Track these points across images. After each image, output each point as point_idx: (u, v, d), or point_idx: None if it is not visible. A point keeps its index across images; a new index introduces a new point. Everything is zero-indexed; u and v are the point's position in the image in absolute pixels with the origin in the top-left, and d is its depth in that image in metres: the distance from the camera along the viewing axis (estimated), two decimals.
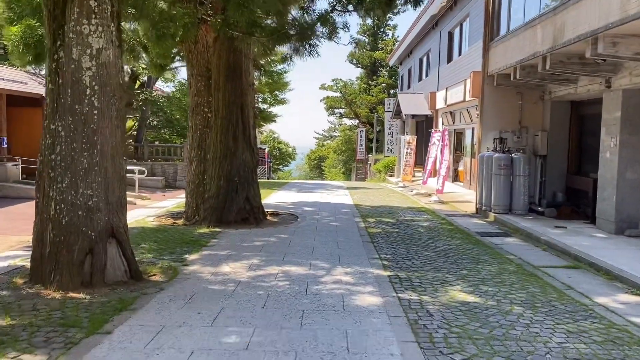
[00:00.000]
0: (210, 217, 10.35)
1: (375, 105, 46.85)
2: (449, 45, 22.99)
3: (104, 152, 5.98)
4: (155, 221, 10.81)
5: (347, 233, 9.70)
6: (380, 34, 51.70)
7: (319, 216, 11.96)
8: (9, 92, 15.09)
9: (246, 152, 10.79)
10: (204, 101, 10.71)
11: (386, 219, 11.75)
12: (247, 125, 10.82)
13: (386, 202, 15.64)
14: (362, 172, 43.98)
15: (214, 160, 10.54)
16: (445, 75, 23.40)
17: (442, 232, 10.13)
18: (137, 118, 21.25)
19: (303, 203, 14.62)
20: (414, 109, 26.42)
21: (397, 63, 38.16)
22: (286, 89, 24.57)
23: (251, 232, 9.60)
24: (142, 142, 20.25)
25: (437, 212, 13.24)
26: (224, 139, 10.54)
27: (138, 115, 20.91)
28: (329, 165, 61.47)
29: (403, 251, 8.21)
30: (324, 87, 50.87)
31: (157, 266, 6.89)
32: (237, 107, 10.64)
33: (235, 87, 10.61)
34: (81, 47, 5.82)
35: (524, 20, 11.35)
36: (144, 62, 15.48)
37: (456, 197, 16.91)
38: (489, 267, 7.32)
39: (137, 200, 14.59)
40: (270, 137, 61.24)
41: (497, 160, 12.36)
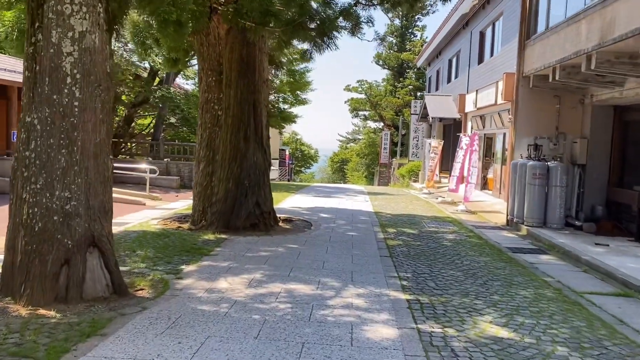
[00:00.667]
0: (218, 222, 9.61)
1: (401, 108, 45.82)
2: (480, 45, 21.92)
3: (86, 149, 5.25)
4: (160, 224, 10.12)
5: (363, 245, 8.84)
6: (408, 35, 50.71)
7: (335, 224, 11.11)
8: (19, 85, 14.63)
9: (258, 154, 10.02)
10: (214, 98, 9.99)
11: (408, 229, 10.84)
12: (259, 124, 10.05)
13: (409, 210, 14.71)
14: (385, 176, 42.96)
15: (223, 162, 9.80)
16: (475, 77, 22.32)
17: (469, 247, 9.19)
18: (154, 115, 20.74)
19: (319, 209, 13.79)
20: (441, 112, 25.37)
21: (425, 64, 37.07)
22: (308, 88, 23.76)
23: (259, 241, 8.81)
24: (159, 140, 19.72)
25: (464, 223, 12.27)
26: (234, 139, 9.79)
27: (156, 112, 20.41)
28: (351, 169, 60.55)
29: (425, 269, 7.31)
30: (349, 88, 50.04)
31: (148, 278, 6.14)
32: (249, 104, 9.88)
33: (248, 83, 9.86)
34: (62, 30, 5.10)
35: (565, 15, 10.34)
36: (160, 57, 14.90)
37: (485, 206, 15.88)
38: (523, 292, 6.38)
39: (148, 200, 13.97)
40: (293, 139, 60.57)
41: (532, 169, 11.34)
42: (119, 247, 7.81)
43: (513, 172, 12.22)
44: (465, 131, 23.62)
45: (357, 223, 11.42)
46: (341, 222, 11.43)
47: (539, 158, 11.74)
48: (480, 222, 12.90)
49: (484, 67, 20.99)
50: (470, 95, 22.14)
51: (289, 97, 24.35)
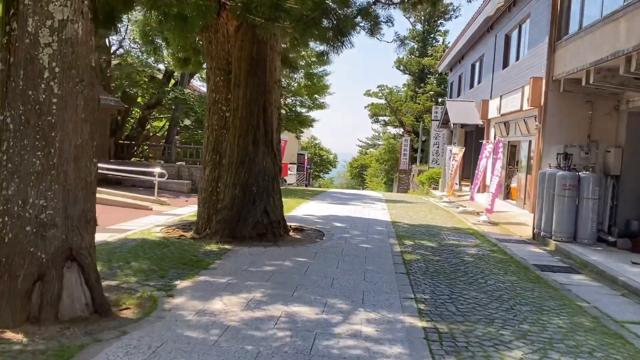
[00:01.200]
0: (223, 231, 9.01)
1: (421, 114, 45.01)
2: (505, 49, 21.08)
3: (65, 151, 4.69)
4: (162, 232, 9.57)
5: (378, 259, 8.15)
6: (430, 39, 49.97)
7: (349, 234, 10.44)
8: None
9: (267, 158, 9.42)
10: (221, 98, 9.42)
11: (427, 242, 10.11)
12: (269, 127, 9.45)
13: (428, 219, 13.96)
14: (405, 183, 42.11)
15: (230, 166, 9.21)
16: (499, 82, 21.48)
17: (493, 264, 8.43)
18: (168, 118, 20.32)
19: (334, 217, 13.13)
20: (463, 118, 24.54)
21: (447, 69, 36.22)
22: (326, 92, 23.22)
23: (265, 252, 8.19)
24: (172, 142, 19.29)
25: (487, 236, 11.49)
26: (242, 142, 9.20)
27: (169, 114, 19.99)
28: (370, 174, 59.75)
29: (445, 289, 6.60)
30: (369, 93, 49.38)
31: (136, 295, 5.55)
32: (259, 106, 9.29)
33: (257, 84, 9.27)
34: (39, 18, 4.56)
35: (601, 13, 9.55)
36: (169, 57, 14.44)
37: (509, 217, 15.05)
38: (557, 320, 5.63)
39: (155, 205, 13.47)
40: (312, 143, 60.03)
41: (562, 179, 10.53)
42: (113, 257, 7.26)
43: (541, 182, 11.41)
44: (487, 138, 22.77)
45: (373, 234, 10.73)
46: (355, 233, 10.75)
47: (569, 168, 10.93)
48: (504, 235, 12.11)
49: (508, 72, 20.16)
50: (494, 101, 21.30)
51: (307, 100, 23.79)
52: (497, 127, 21.05)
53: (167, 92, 19.14)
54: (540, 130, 15.44)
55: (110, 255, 7.38)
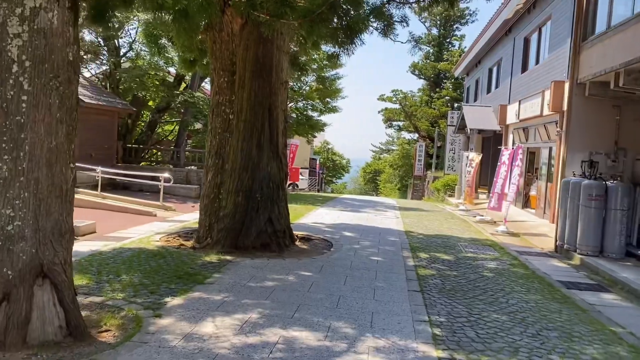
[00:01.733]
0: (224, 240, 8.48)
1: (436, 119, 44.28)
2: (524, 52, 20.36)
3: (36, 155, 4.19)
4: (162, 241, 9.06)
5: (389, 274, 7.54)
6: (446, 44, 49.27)
7: (359, 245, 9.84)
8: None
9: (272, 164, 8.87)
10: (225, 100, 8.91)
11: (443, 254, 9.48)
12: (275, 131, 8.91)
13: (444, 229, 13.30)
14: (419, 189, 41.36)
15: (233, 172, 8.69)
16: (518, 86, 20.76)
17: (514, 280, 7.78)
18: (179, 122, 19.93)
19: (344, 226, 12.53)
20: (480, 123, 23.83)
21: (464, 74, 35.51)
22: (338, 96, 22.67)
23: (268, 265, 7.63)
24: (181, 146, 18.88)
25: (507, 248, 10.82)
26: (246, 147, 8.67)
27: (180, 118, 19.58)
28: (384, 180, 59.06)
29: (463, 309, 5.98)
30: (383, 98, 48.76)
31: (120, 315, 5.03)
32: (264, 108, 8.76)
33: (263, 85, 8.74)
34: (7, 5, 4.07)
35: (633, 10, 8.89)
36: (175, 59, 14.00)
37: (528, 227, 14.33)
38: (590, 349, 4.99)
39: (160, 211, 13.00)
40: (324, 148, 59.50)
41: (587, 189, 9.84)
42: (104, 269, 6.76)
43: (564, 191, 10.71)
44: (506, 144, 22.03)
45: (385, 245, 10.13)
46: (366, 243, 10.15)
47: (595, 177, 10.23)
48: (524, 246, 11.42)
49: (528, 76, 19.45)
50: (512, 106, 20.59)
51: (318, 104, 23.26)
52: (516, 133, 20.33)
53: (176, 96, 18.75)
54: (561, 137, 14.73)
55: (102, 266, 6.88)
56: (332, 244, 9.77)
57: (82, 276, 6.26)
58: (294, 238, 9.67)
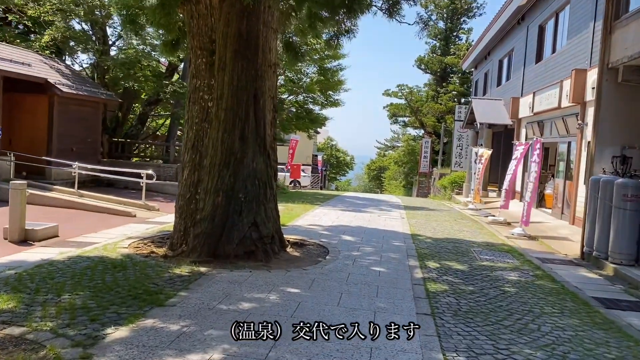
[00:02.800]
0: (201, 247, 7.27)
1: (443, 115, 42.98)
2: (539, 41, 19.04)
3: None
4: (131, 247, 7.85)
5: (393, 290, 6.31)
6: (453, 38, 47.95)
7: (359, 252, 8.60)
8: (6, 74, 12.77)
9: (258, 159, 7.65)
10: (203, 85, 7.68)
11: (455, 263, 8.24)
12: (261, 120, 7.68)
13: (454, 232, 12.05)
14: (425, 187, 40.10)
15: (212, 168, 7.47)
16: (532, 77, 19.46)
17: (542, 296, 6.54)
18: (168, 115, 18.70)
19: (343, 228, 11.30)
20: (491, 118, 22.52)
21: (472, 67, 34.17)
22: (341, 88, 21.40)
23: (249, 278, 6.41)
24: (171, 141, 17.67)
25: (526, 254, 9.57)
26: (227, 139, 7.45)
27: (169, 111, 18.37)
28: (389, 177, 57.77)
29: (486, 342, 4.74)
30: (388, 93, 47.44)
31: (36, 356, 3.82)
32: (248, 94, 7.54)
33: (247, 67, 7.51)
34: None
35: None
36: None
37: (546, 229, 13.06)
38: None
39: (141, 211, 11.81)
40: (328, 144, 58.26)
41: (621, 188, 8.56)
42: (45, 285, 5.56)
43: (592, 190, 9.44)
44: (518, 139, 20.74)
45: (389, 251, 8.89)
46: (367, 249, 8.92)
47: (631, 174, 8.96)
48: (545, 252, 10.18)
49: (543, 66, 18.15)
50: (526, 99, 19.30)
51: (320, 97, 22.00)
52: (530, 128, 19.03)
53: (165, 86, 17.53)
54: (582, 130, 13.45)
55: (43, 282, 5.69)
56: (328, 250, 8.54)
57: (11, 296, 5.07)
58: (285, 243, 8.46)
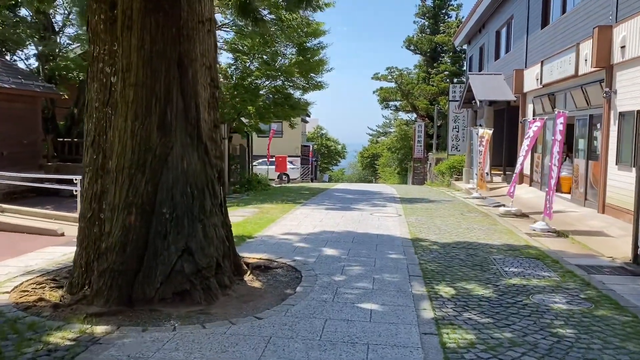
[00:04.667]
0: (109, 290, 4.95)
1: (436, 96, 40.71)
2: (544, 2, 16.69)
3: None
4: (17, 291, 5.47)
5: (392, 353, 4.03)
6: (442, 15, 45.58)
7: (343, 276, 6.28)
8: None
9: (190, 156, 5.33)
10: (102, 53, 5.30)
11: (475, 286, 5.96)
12: (191, 100, 5.35)
13: (463, 231, 9.78)
14: (420, 172, 37.89)
15: (119, 173, 5.13)
16: (537, 45, 17.15)
17: (619, 344, 4.28)
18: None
19: (327, 236, 8.99)
20: (491, 94, 20.24)
21: (464, 43, 31.81)
22: (322, 69, 18.99)
23: (167, 344, 4.11)
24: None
25: (561, 260, 7.33)
26: (140, 129, 5.11)
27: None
28: (382, 164, 55.48)
29: None
30: (377, 77, 44.99)
31: None
32: (169, 62, 5.19)
33: (165, 23, 5.17)
34: None
35: None
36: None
37: (572, 221, 10.81)
38: None
39: (73, 226, 9.45)
40: (318, 134, 55.82)
41: None
42: None
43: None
44: (524, 115, 18.48)
45: (384, 271, 6.59)
46: (355, 270, 6.62)
47: None
48: (584, 255, 7.95)
49: (551, 30, 15.82)
50: (532, 70, 17.02)
51: (300, 81, 19.59)
52: (538, 102, 16.76)
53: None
54: (610, 99, 11.18)
55: None
56: (301, 274, 6.23)
57: None
58: (243, 269, 6.17)
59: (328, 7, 17.73)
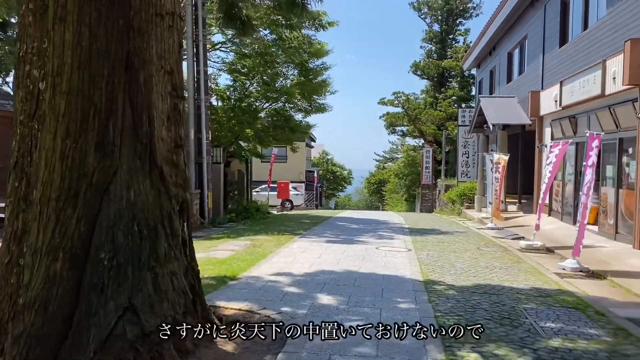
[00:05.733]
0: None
1: (443, 121, 39.69)
2: (562, 19, 15.63)
3: None
4: None
5: None
6: (449, 40, 44.88)
7: (338, 340, 4.97)
8: None
9: (140, 183, 4.13)
10: (30, 51, 4.15)
11: (508, 351, 4.63)
12: (142, 113, 4.17)
13: (483, 271, 8.46)
14: (428, 199, 36.60)
15: (45, 206, 3.93)
16: (555, 65, 16.04)
17: None
18: None
19: (323, 277, 7.70)
20: (504, 117, 19.05)
21: (474, 66, 30.84)
22: (325, 91, 17.96)
23: None
24: None
25: (608, 312, 6.01)
26: (74, 149, 3.93)
27: None
28: (389, 190, 54.19)
29: None
30: (384, 101, 44.09)
31: None
32: (113, 64, 4.03)
33: (108, 15, 4.03)
34: None
35: None
36: None
37: (607, 258, 9.47)
38: None
39: None
40: (323, 159, 54.73)
41: None
42: None
43: None
44: (540, 140, 17.26)
45: (391, 326, 5.28)
46: (355, 324, 5.31)
47: None
48: (632, 303, 6.63)
49: (570, 48, 14.72)
50: (549, 91, 15.86)
51: (302, 103, 18.53)
52: (557, 125, 15.55)
53: None
54: None
55: None
56: (285, 338, 4.92)
57: None
58: (214, 324, 4.89)
59: (332, 26, 16.80)
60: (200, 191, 14.81)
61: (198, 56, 14.75)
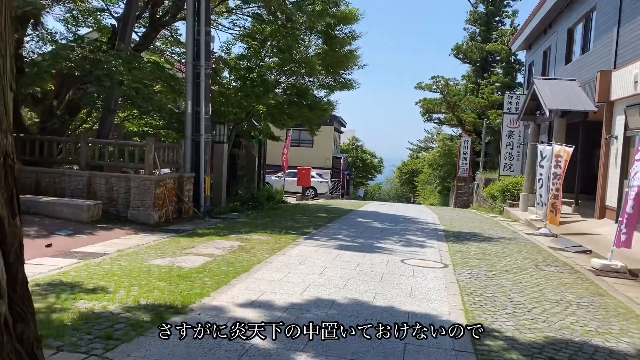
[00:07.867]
0: None
1: (484, 110, 36.55)
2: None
3: None
4: None
5: None
6: (494, 23, 41.46)
7: None
8: None
9: None
10: None
11: None
12: None
13: (553, 311, 5.80)
14: (465, 193, 33.60)
15: None
16: (633, 39, 13.00)
17: None
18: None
19: (318, 314, 5.17)
20: (565, 102, 16.03)
21: (524, 47, 27.54)
22: (353, 64, 15.30)
23: None
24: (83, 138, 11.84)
25: None
26: None
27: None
28: (422, 181, 51.20)
29: None
30: (421, 86, 41.04)
31: None
32: None
33: None
34: None
35: None
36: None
37: None
38: None
39: None
40: (353, 145, 51.90)
41: None
42: None
43: None
44: (609, 131, 14.27)
45: None
46: None
47: None
48: None
49: None
50: (625, 71, 12.87)
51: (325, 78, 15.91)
52: (634, 113, 12.55)
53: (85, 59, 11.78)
54: None
55: None
56: None
57: None
58: None
59: None
60: (195, 175, 12.45)
61: (199, 13, 12.31)
